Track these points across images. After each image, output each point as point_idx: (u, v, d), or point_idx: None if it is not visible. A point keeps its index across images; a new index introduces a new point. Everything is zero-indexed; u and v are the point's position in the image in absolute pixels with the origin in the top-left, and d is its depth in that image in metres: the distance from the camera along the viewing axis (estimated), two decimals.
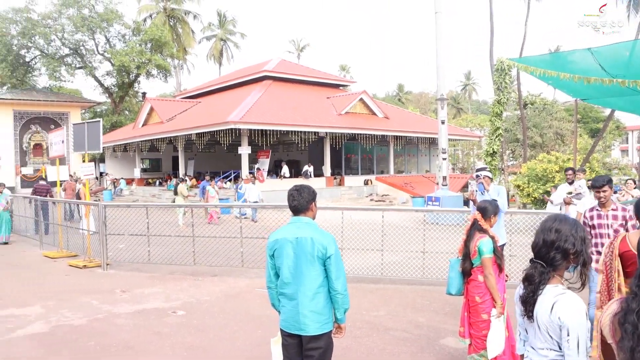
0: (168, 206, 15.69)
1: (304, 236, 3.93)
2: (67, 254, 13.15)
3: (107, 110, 51.21)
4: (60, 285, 10.12)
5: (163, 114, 32.86)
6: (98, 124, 12.48)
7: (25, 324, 7.56)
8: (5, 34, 41.71)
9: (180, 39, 57.19)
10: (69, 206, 15.71)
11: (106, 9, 44.24)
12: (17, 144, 39.60)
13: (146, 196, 31.84)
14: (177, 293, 9.16)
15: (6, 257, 13.30)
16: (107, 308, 8.28)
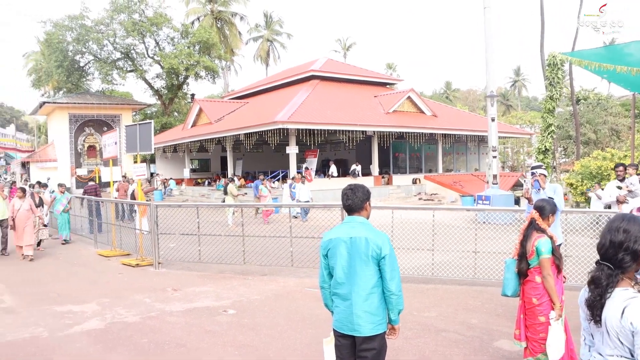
0: (219, 206, 15.83)
1: (358, 236, 3.87)
2: (120, 252, 13.45)
3: (157, 112, 52.21)
4: (114, 283, 10.35)
5: (212, 115, 33.27)
6: (149, 125, 12.70)
7: (82, 320, 7.76)
8: (62, 40, 43.03)
9: (227, 40, 57.87)
10: (122, 206, 16.02)
11: (155, 13, 45.10)
12: (73, 146, 40.85)
13: (195, 196, 32.31)
14: (228, 292, 9.23)
15: (64, 256, 13.71)
16: (160, 306, 8.41)
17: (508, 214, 12.68)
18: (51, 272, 11.68)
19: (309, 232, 10.59)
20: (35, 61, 61.02)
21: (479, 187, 27.33)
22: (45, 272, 11.69)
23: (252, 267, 10.73)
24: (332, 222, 10.23)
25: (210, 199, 29.84)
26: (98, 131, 41.17)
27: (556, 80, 17.47)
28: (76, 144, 41.31)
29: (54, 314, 8.16)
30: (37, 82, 58.17)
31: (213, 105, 36.04)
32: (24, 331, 7.34)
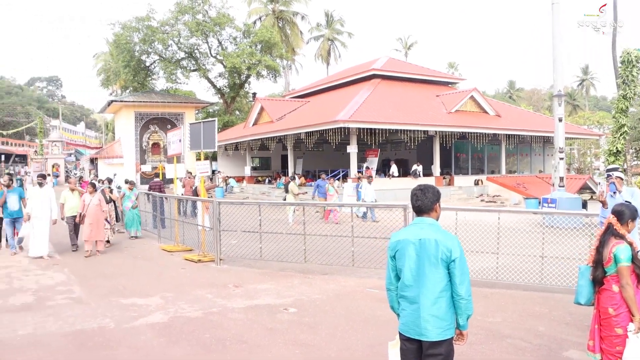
0: (281, 204, 15.87)
1: (428, 238, 3.78)
2: (182, 248, 13.69)
3: (219, 110, 53.07)
4: (176, 278, 10.54)
5: (273, 114, 33.55)
6: (213, 123, 12.88)
7: (146, 314, 7.93)
8: (129, 41, 44.37)
9: (288, 39, 58.26)
10: (185, 202, 16.31)
11: (218, 13, 45.86)
12: (138, 143, 42.07)
13: (256, 194, 32.67)
14: (288, 290, 9.25)
15: (130, 250, 14.09)
16: (221, 302, 8.49)
17: (576, 218, 12.22)
18: (117, 265, 12.00)
19: (371, 232, 10.50)
20: (104, 61, 63.17)
21: (544, 189, 26.56)
22: (112, 265, 12.02)
23: (313, 265, 10.71)
24: (394, 222, 10.11)
25: (270, 196, 30.11)
26: (162, 129, 42.26)
27: (630, 79, 16.78)
28: (141, 141, 42.52)
29: (120, 306, 8.38)
30: (106, 81, 60.24)
31: (274, 104, 36.33)
32: (92, 321, 7.56)
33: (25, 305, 8.60)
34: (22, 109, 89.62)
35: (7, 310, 8.31)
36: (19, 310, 8.26)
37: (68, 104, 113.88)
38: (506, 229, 10.23)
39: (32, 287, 9.83)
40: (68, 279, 10.57)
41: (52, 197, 12.98)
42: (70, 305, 8.53)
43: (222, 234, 11.65)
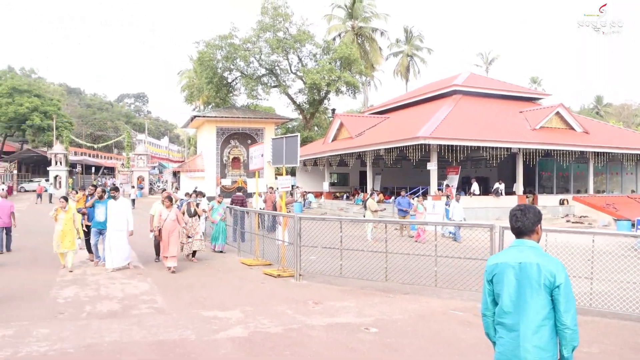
0: (362, 221, 15.71)
1: (529, 261, 3.52)
2: (262, 262, 13.73)
3: (298, 126, 53.69)
4: (256, 292, 10.55)
5: (352, 130, 33.53)
6: (296, 138, 12.89)
7: (227, 327, 7.94)
8: (212, 58, 45.70)
9: (368, 56, 58.34)
10: (267, 217, 16.39)
11: (299, 30, 46.53)
12: (219, 157, 43.03)
13: (334, 209, 32.64)
14: (369, 309, 9.05)
15: (211, 262, 14.26)
16: (301, 319, 8.40)
17: None
18: (198, 277, 12.17)
19: (454, 252, 10.17)
20: (188, 78, 65.37)
21: (637, 210, 25.15)
22: (193, 276, 12.20)
23: (394, 284, 10.47)
24: (479, 242, 9.76)
25: (348, 212, 29.99)
26: (242, 144, 43.09)
27: None
28: (222, 156, 43.46)
29: (201, 318, 8.44)
30: (190, 97, 62.24)
31: (354, 120, 36.34)
32: (174, 332, 7.65)
33: (111, 312, 8.85)
34: (111, 124, 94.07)
35: (96, 316, 8.57)
36: (105, 317, 8.50)
37: (153, 119, 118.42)
38: (599, 252, 9.66)
39: (117, 295, 10.11)
40: (151, 288, 10.80)
41: (128, 210, 13.06)
42: (153, 314, 8.68)
43: (302, 250, 11.60)
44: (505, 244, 8.85)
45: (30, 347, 6.97)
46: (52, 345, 7.07)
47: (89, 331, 7.68)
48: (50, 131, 61.06)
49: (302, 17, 78.20)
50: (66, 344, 7.12)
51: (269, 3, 46.39)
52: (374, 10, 59.82)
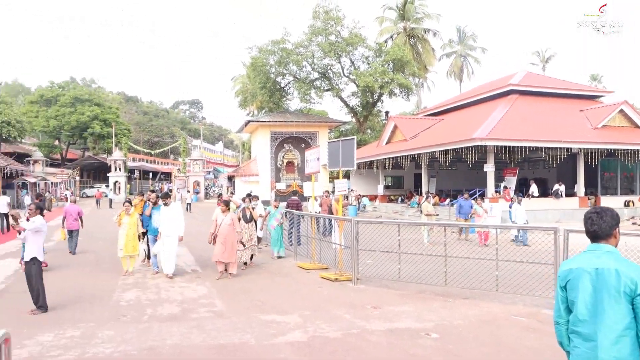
0: (420, 224, 15.50)
1: (607, 267, 3.33)
2: (319, 266, 13.71)
3: (351, 129, 53.63)
4: (314, 296, 10.52)
5: (406, 132, 33.24)
6: (352, 141, 12.82)
7: (285, 331, 7.93)
8: (265, 64, 46.17)
9: (420, 57, 57.82)
10: (323, 221, 16.36)
11: (351, 33, 46.49)
12: (273, 161, 43.44)
13: (389, 212, 32.43)
14: (428, 314, 8.89)
15: (267, 266, 14.32)
16: (360, 323, 8.31)
17: None
18: (255, 280, 12.24)
19: (516, 255, 9.89)
20: (241, 84, 66.29)
21: None
22: (250, 280, 12.28)
23: (453, 289, 10.26)
24: (542, 246, 9.47)
25: (403, 216, 29.73)
26: (296, 148, 43.40)
27: None
28: (276, 160, 43.85)
29: (260, 322, 8.47)
30: (243, 102, 63.07)
31: (408, 122, 36.01)
32: (233, 336, 7.69)
33: (171, 315, 8.98)
34: (167, 130, 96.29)
35: (157, 319, 8.72)
36: (166, 320, 8.64)
37: (208, 125, 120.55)
38: None
39: (177, 299, 10.26)
40: (210, 292, 10.91)
41: (179, 215, 12.87)
42: (212, 318, 8.76)
43: (359, 253, 11.51)
44: (571, 248, 8.57)
45: (96, 349, 7.17)
46: (117, 347, 7.24)
47: (151, 334, 7.83)
48: (110, 138, 62.96)
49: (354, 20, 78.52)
50: (129, 346, 7.28)
51: (320, 7, 46.55)
52: (425, 11, 59.27)
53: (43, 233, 9.45)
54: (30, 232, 9.08)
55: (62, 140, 67.34)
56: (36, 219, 9.31)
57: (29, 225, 9.13)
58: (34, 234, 9.13)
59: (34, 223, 9.21)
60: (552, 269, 9.07)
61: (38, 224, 9.24)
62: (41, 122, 61.46)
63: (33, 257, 9.15)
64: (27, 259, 9.16)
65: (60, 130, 62.65)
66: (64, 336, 7.74)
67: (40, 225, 9.27)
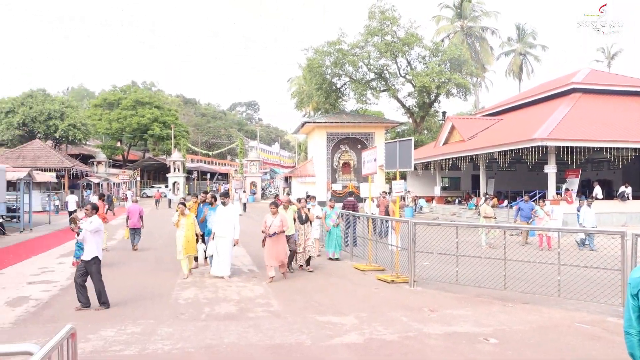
0: (479, 226, 15.17)
1: None
2: (375, 267, 13.63)
3: (407, 130, 53.25)
4: (370, 297, 10.45)
5: (464, 132, 32.75)
6: (409, 142, 12.70)
7: (341, 333, 7.89)
8: (321, 65, 46.33)
9: (478, 56, 56.97)
10: (380, 222, 16.25)
11: (407, 33, 46.17)
12: (329, 162, 43.52)
13: (446, 214, 31.98)
14: (487, 318, 8.69)
15: (324, 267, 14.29)
16: (417, 326, 8.20)
17: None
18: (311, 281, 12.27)
19: (579, 260, 9.54)
20: (297, 85, 66.75)
21: None
22: (306, 280, 12.32)
23: (512, 293, 10.00)
24: (608, 251, 9.15)
25: (461, 217, 29.27)
26: (352, 149, 43.38)
27: None
28: (332, 161, 43.91)
29: (316, 322, 8.47)
30: (299, 103, 63.50)
31: (465, 123, 35.45)
32: (290, 336, 7.71)
33: (229, 314, 9.09)
34: (225, 132, 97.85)
35: (214, 317, 8.84)
36: (223, 319, 8.74)
37: (264, 126, 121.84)
38: None
39: (234, 298, 10.38)
40: (266, 292, 10.99)
41: (235, 216, 12.60)
42: (269, 318, 8.82)
43: (416, 255, 11.37)
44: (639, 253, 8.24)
45: (155, 345, 7.33)
46: (175, 344, 7.38)
47: (208, 332, 7.94)
48: (169, 140, 64.48)
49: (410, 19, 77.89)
50: (187, 343, 7.41)
51: (376, 7, 46.40)
52: (483, 9, 58.35)
53: (101, 232, 9.72)
54: (89, 232, 9.33)
55: (123, 142, 69.44)
56: (93, 219, 9.54)
57: (88, 227, 9.37)
58: (92, 234, 9.37)
59: (93, 224, 9.44)
60: (619, 275, 8.73)
61: (96, 224, 9.48)
62: (104, 125, 63.61)
63: (94, 256, 9.40)
64: (88, 258, 9.38)
65: (122, 132, 64.63)
66: (125, 332, 7.96)
67: (99, 225, 9.53)
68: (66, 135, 48.23)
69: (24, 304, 10.00)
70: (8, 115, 46.82)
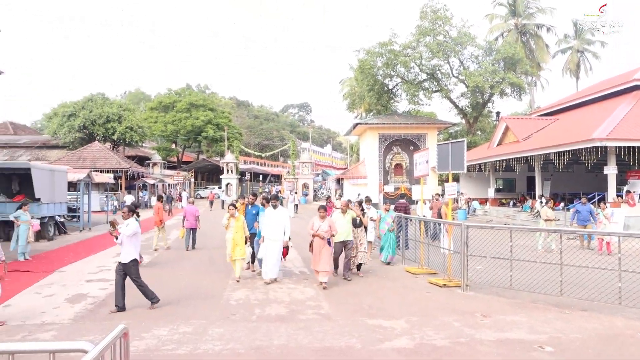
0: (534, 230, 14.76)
1: None
2: (426, 270, 13.46)
3: (460, 130, 52.60)
4: (421, 301, 10.33)
5: (519, 133, 32.07)
6: (462, 143, 12.51)
7: (392, 337, 7.82)
8: (373, 66, 46.24)
9: (533, 54, 55.75)
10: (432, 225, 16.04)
11: (459, 32, 45.65)
12: (381, 164, 43.39)
13: (500, 217, 31.34)
14: (542, 325, 8.43)
15: (376, 270, 14.19)
16: (469, 332, 8.04)
17: None
18: (362, 284, 12.18)
19: None
20: (349, 86, 66.81)
21: None
22: (357, 283, 12.25)
23: (569, 299, 9.67)
24: None
25: (515, 220, 28.61)
26: (405, 150, 43.10)
27: None
28: (384, 162, 43.73)
29: (366, 326, 8.41)
30: (351, 105, 63.54)
31: (520, 123, 34.70)
32: (340, 339, 7.68)
33: (279, 316, 9.13)
34: (277, 133, 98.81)
35: (265, 319, 8.89)
36: (274, 321, 8.79)
37: (316, 128, 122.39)
38: None
39: (285, 300, 10.42)
40: (317, 294, 10.99)
41: (286, 219, 12.44)
42: (319, 320, 8.81)
43: (468, 259, 11.16)
44: None
45: (206, 345, 7.43)
46: (226, 344, 7.46)
47: (259, 333, 7.98)
48: (222, 142, 65.51)
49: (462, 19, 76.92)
50: (238, 344, 7.48)
51: (427, 7, 46.02)
52: (538, 5, 56.88)
53: (139, 235, 9.82)
54: (127, 236, 9.47)
55: (178, 143, 70.90)
56: (130, 222, 9.62)
57: (126, 231, 9.47)
58: (130, 237, 9.50)
59: (129, 227, 9.53)
60: None
61: (133, 227, 9.56)
62: (160, 127, 65.12)
63: (132, 259, 9.53)
64: (126, 260, 9.49)
65: (176, 134, 66.01)
66: (177, 331, 8.10)
67: (136, 228, 9.62)
68: (123, 137, 49.56)
69: (82, 301, 10.33)
70: (70, 119, 48.42)
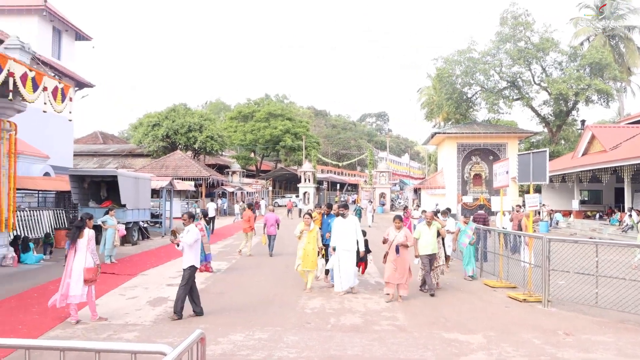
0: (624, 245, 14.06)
1: None
2: (506, 284, 13.09)
3: (542, 140, 50.99)
4: (500, 316, 10.03)
5: (606, 142, 30.72)
6: (544, 154, 12.14)
7: (468, 352, 7.64)
8: (451, 74, 45.63)
9: (623, 58, 53.27)
10: (512, 237, 15.58)
11: (541, 38, 44.39)
12: (459, 174, 42.67)
13: (585, 230, 30.07)
14: (633, 347, 7.96)
15: (452, 283, 13.90)
16: (551, 350, 7.73)
17: None
18: (439, 296, 11.96)
19: None
20: (427, 95, 66.28)
21: None
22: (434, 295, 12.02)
23: None
24: None
25: (602, 234, 27.35)
26: (484, 160, 42.18)
27: None
28: (462, 172, 42.98)
29: (442, 339, 8.27)
30: (429, 114, 62.91)
31: (607, 132, 33.26)
32: (414, 352, 7.57)
33: (354, 326, 9.09)
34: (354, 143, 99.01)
35: (339, 329, 8.88)
36: (348, 330, 8.76)
37: (394, 137, 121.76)
38: None
39: (360, 310, 10.38)
40: (392, 305, 10.89)
41: (357, 228, 12.20)
42: (394, 332, 8.71)
43: (550, 274, 10.75)
44: None
45: (281, 352, 7.49)
46: (300, 352, 7.50)
47: (333, 342, 7.98)
48: (300, 151, 66.27)
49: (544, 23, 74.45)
50: (312, 352, 7.50)
51: (508, 13, 44.98)
52: (630, 6, 54.22)
53: (199, 241, 9.92)
54: (188, 245, 9.60)
55: (257, 152, 72.32)
56: (191, 228, 9.73)
57: (187, 240, 9.53)
58: (191, 244, 9.62)
59: (190, 234, 9.62)
60: None
61: (194, 234, 9.66)
62: (239, 136, 66.67)
63: (190, 265, 9.62)
64: (185, 266, 9.62)
65: (255, 143, 67.35)
66: (253, 337, 8.22)
67: (196, 235, 9.74)
68: (204, 146, 50.96)
69: (162, 304, 10.68)
70: (154, 128, 50.29)
